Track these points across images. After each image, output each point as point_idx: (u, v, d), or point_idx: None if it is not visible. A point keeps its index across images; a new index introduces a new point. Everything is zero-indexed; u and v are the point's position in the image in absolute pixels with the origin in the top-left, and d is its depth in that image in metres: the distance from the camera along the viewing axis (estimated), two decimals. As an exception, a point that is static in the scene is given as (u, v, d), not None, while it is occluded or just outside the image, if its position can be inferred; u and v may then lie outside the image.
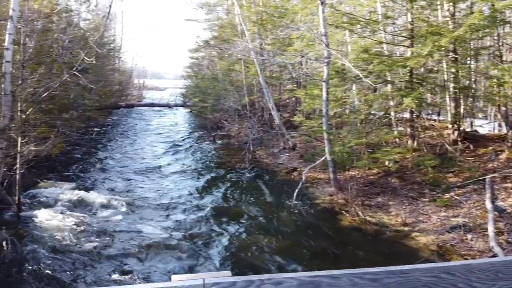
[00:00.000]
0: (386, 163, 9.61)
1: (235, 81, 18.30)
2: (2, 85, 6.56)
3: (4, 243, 6.04)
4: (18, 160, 7.77)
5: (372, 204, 8.89)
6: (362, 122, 9.58)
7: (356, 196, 8.84)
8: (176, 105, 31.17)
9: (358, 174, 10.30)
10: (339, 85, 9.51)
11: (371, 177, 10.49)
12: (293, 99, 17.71)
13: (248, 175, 11.46)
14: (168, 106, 30.95)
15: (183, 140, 17.80)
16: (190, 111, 28.65)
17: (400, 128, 10.83)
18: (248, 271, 6.12)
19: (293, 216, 8.26)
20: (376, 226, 7.91)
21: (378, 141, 9.16)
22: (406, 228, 7.46)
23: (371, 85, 8.86)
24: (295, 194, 9.03)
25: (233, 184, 10.46)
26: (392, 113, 10.48)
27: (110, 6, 21.66)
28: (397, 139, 10.64)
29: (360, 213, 8.19)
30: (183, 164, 12.90)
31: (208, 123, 21.29)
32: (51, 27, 12.41)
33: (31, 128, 8.82)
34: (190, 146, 16.17)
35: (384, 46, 10.71)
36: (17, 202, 7.79)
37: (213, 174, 11.49)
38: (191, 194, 9.64)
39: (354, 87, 11.07)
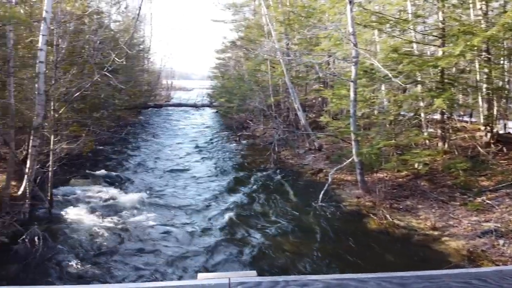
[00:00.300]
0: (416, 165, 9.34)
1: (261, 81, 18.30)
2: (36, 85, 6.78)
3: (36, 238, 6.24)
4: (50, 158, 8.05)
5: (401, 207, 8.68)
6: (391, 123, 9.35)
7: (384, 199, 8.64)
8: (203, 105, 31.52)
9: (386, 176, 10.07)
10: (367, 85, 9.33)
11: (400, 179, 10.24)
12: (320, 99, 17.55)
13: (273, 175, 11.43)
14: (194, 106, 31.33)
15: (209, 140, 17.96)
16: (216, 111, 28.89)
17: (431, 130, 10.53)
18: (273, 272, 6.11)
19: (319, 218, 8.16)
20: (404, 230, 7.71)
21: (408, 143, 8.91)
22: (436, 232, 7.23)
23: (401, 85, 8.63)
24: (320, 196, 8.92)
25: (257, 184, 10.45)
26: (422, 114, 10.19)
27: (140, 7, 22.09)
28: (427, 141, 10.34)
29: (388, 216, 8.01)
30: (209, 163, 13.01)
31: (234, 123, 21.38)
32: (82, 29, 12.78)
33: (63, 127, 9.09)
34: (216, 146, 16.30)
35: (414, 45, 10.44)
36: (49, 198, 8.07)
37: (238, 174, 11.51)
38: (216, 193, 9.70)
39: (383, 87, 10.85)
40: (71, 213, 7.97)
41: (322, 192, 8.98)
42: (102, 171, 11.14)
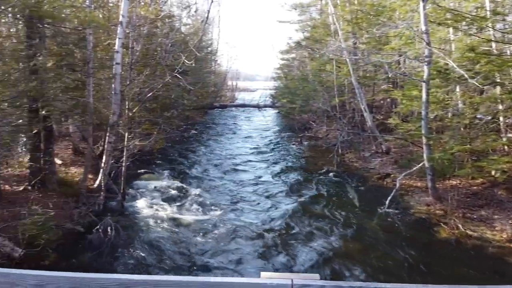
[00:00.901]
0: (493, 172, 8.56)
1: (325, 81, 17.99)
2: (113, 85, 7.26)
3: (108, 229, 6.69)
4: (124, 154, 8.60)
5: (474, 217, 8.02)
6: (466, 126, 8.64)
7: (457, 207, 8.03)
8: (265, 106, 31.80)
9: (459, 183, 9.35)
10: (440, 86, 8.73)
11: (475, 187, 9.47)
12: (388, 100, 16.81)
13: (335, 179, 11.15)
14: (257, 107, 31.71)
15: (269, 140, 18.05)
16: (278, 112, 28.98)
17: (510, 135, 9.59)
18: (335, 276, 5.97)
19: (385, 225, 7.80)
20: (477, 241, 7.13)
21: (484, 148, 8.18)
22: (513, 245, 6.60)
23: (478, 86, 7.94)
24: (387, 202, 8.52)
25: (319, 187, 10.26)
26: (501, 118, 9.32)
27: (209, 11, 22.82)
28: (505, 147, 9.45)
29: (460, 225, 7.44)
30: (269, 164, 13.05)
31: (296, 124, 21.27)
32: (155, 32, 13.48)
33: (136, 125, 9.65)
34: (277, 147, 16.32)
35: (493, 44, 9.56)
36: (122, 191, 8.63)
37: (299, 176, 11.40)
38: (278, 194, 9.70)
39: (457, 89, 10.07)
40: (141, 206, 8.46)
41: (389, 198, 8.58)
42: (171, 168, 11.70)
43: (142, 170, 11.07)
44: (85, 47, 7.78)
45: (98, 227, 6.85)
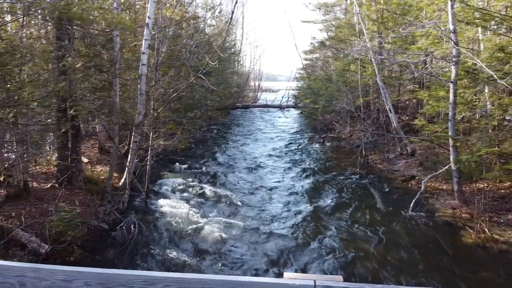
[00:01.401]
0: None
1: (349, 81, 17.78)
2: (139, 86, 7.41)
3: (132, 226, 6.84)
4: (149, 153, 8.77)
5: (501, 221, 7.77)
6: (494, 128, 8.36)
7: (483, 211, 7.78)
8: (288, 107, 31.70)
9: (486, 186, 9.06)
10: (468, 87, 8.49)
11: (502, 191, 9.17)
12: (414, 100, 16.46)
13: (359, 180, 11.01)
14: (280, 107, 31.65)
15: (293, 141, 17.98)
16: (301, 112, 28.83)
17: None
18: (358, 278, 5.91)
19: (409, 228, 7.65)
20: (504, 245, 6.92)
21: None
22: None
23: (507, 87, 7.66)
24: (411, 204, 8.35)
25: (343, 189, 10.15)
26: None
27: (233, 12, 22.96)
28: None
29: (486, 230, 7.22)
30: (293, 165, 13.01)
31: (318, 124, 21.11)
32: (180, 33, 13.68)
33: (161, 125, 9.83)
34: (299, 147, 16.24)
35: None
36: (146, 190, 8.80)
37: (322, 178, 11.31)
38: (300, 195, 9.66)
39: (486, 89, 9.76)
40: (164, 205, 8.60)
41: (414, 201, 8.42)
42: (194, 167, 11.85)
43: (166, 169, 11.26)
44: (112, 49, 8.01)
45: (122, 224, 7.02)
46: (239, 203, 8.90)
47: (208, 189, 9.74)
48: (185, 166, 11.79)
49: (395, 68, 15.39)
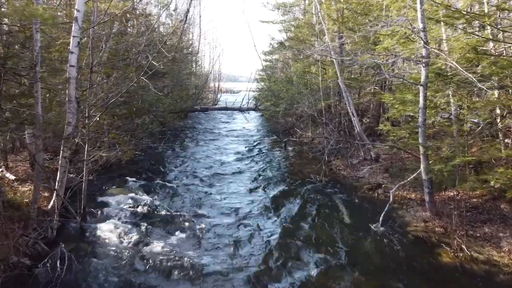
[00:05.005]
0: (492, 183, 7.75)
1: (310, 83, 17.16)
2: (67, 91, 6.18)
3: (58, 263, 5.62)
4: (84, 168, 7.51)
5: (478, 235, 7.25)
6: (465, 133, 7.82)
7: (458, 224, 7.23)
8: (248, 109, 30.88)
9: (457, 194, 8.57)
10: (438, 90, 7.93)
11: (474, 199, 8.71)
12: (374, 102, 16.04)
13: (323, 189, 10.27)
14: (240, 110, 30.75)
15: (253, 146, 17.07)
16: (262, 115, 28.09)
17: (508, 141, 8.85)
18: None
19: (380, 246, 6.93)
20: (485, 266, 6.37)
21: (488, 159, 7.41)
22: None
23: (486, 91, 7.11)
24: (381, 218, 7.68)
25: (306, 199, 9.34)
26: (500, 124, 8.57)
27: (188, 10, 21.75)
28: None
29: (464, 247, 6.65)
30: (252, 174, 12.07)
31: (280, 127, 20.40)
32: (125, 31, 12.38)
33: (101, 135, 8.58)
34: (259, 153, 15.33)
35: (491, 44, 8.83)
36: (81, 212, 7.53)
37: (283, 187, 10.46)
38: (260, 210, 8.73)
39: (449, 92, 9.27)
40: (104, 229, 7.37)
41: (383, 214, 7.76)
42: (142, 179, 10.59)
43: (111, 184, 9.95)
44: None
45: (46, 260, 5.77)
46: (189, 225, 7.79)
47: (157, 207, 8.60)
48: (132, 179, 10.51)
49: (355, 70, 14.89)
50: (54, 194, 6.77)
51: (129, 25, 15.62)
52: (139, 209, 8.47)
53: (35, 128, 6.21)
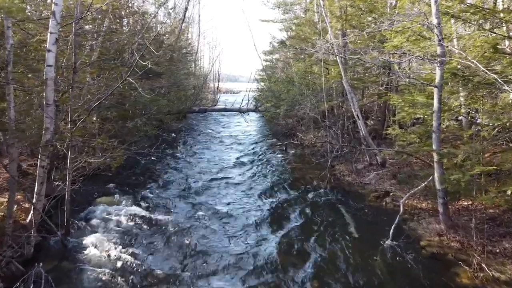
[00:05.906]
0: (509, 192, 7.09)
1: (311, 84, 16.47)
2: (44, 94, 5.54)
3: (31, 286, 4.98)
4: (67, 178, 6.87)
5: (497, 251, 6.58)
6: (482, 139, 7.16)
7: (477, 238, 6.57)
8: (248, 110, 30.16)
9: (471, 205, 7.92)
10: (453, 92, 7.28)
11: (491, 210, 8.06)
12: (379, 104, 15.37)
13: (326, 197, 9.62)
14: (240, 111, 30.05)
15: (253, 149, 16.39)
16: (262, 116, 27.42)
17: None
18: None
19: (391, 264, 6.28)
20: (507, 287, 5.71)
21: (510, 168, 6.76)
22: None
23: (499, 91, 6.50)
24: (391, 232, 7.02)
25: (309, 211, 8.67)
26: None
27: (186, 8, 21.08)
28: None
29: (484, 265, 6.00)
30: (252, 181, 11.40)
31: (280, 129, 19.74)
32: (117, 29, 11.74)
33: (88, 140, 7.94)
34: (260, 157, 14.65)
35: (506, 42, 8.18)
36: (65, 225, 6.89)
37: (285, 196, 9.78)
38: (258, 221, 8.08)
39: (462, 94, 8.61)
40: (89, 243, 6.72)
41: (393, 227, 7.10)
42: (132, 187, 9.92)
43: (99, 193, 9.30)
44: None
45: (18, 284, 5.12)
46: (184, 240, 7.13)
47: (148, 218, 7.95)
48: (121, 186, 9.85)
49: (358, 70, 14.23)
50: (32, 208, 6.12)
51: (124, 23, 14.98)
52: (128, 221, 7.82)
53: (8, 135, 5.57)
